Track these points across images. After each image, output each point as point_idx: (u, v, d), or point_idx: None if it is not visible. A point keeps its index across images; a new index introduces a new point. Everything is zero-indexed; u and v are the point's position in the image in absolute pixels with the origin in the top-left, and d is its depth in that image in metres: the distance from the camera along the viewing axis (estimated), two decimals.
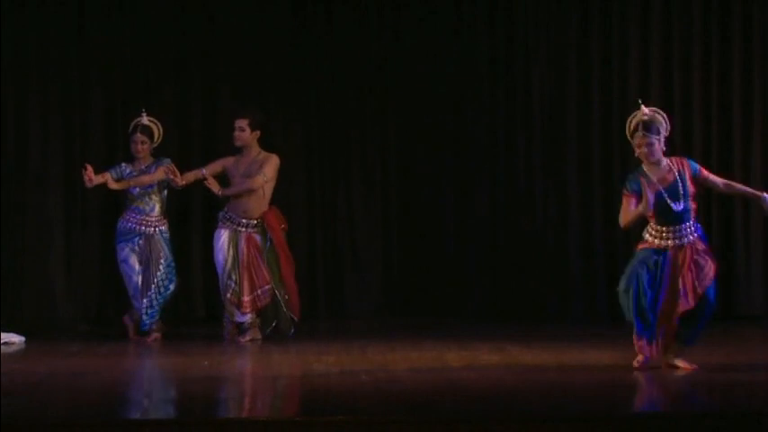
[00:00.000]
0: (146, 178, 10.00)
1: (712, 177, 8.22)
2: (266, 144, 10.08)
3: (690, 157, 8.61)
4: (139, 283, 10.03)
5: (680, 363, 8.08)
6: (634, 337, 8.04)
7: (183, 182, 9.95)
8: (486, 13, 11.31)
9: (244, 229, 9.96)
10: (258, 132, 9.98)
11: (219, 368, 8.88)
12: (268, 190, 9.98)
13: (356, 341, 9.75)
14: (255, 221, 9.96)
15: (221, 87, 11.23)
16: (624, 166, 11.07)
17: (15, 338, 9.95)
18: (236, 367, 9.04)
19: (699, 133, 11.10)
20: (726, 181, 8.41)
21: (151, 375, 8.86)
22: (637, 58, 11.19)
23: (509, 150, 11.34)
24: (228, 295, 9.96)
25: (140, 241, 10.06)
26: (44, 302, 10.94)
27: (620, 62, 11.18)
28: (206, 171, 10.00)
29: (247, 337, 9.93)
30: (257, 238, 9.96)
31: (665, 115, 8.15)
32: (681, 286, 7.98)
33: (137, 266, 10.05)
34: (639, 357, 8.08)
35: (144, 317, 10.03)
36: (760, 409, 6.98)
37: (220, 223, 10.03)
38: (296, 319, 10.01)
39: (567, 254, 11.25)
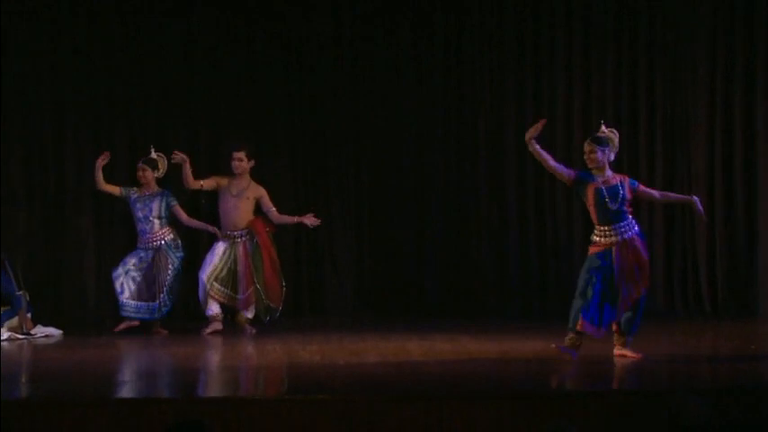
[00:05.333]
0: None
1: (649, 190, 8.13)
2: (255, 171, 10.21)
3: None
4: (120, 275, 10.01)
5: (627, 352, 7.87)
6: (583, 323, 7.73)
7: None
8: (442, 70, 11.34)
9: (240, 240, 10.04)
10: (253, 162, 10.09)
11: (217, 356, 8.92)
12: (252, 208, 10.08)
13: (334, 334, 9.78)
14: (246, 231, 10.05)
15: (225, 125, 11.16)
16: (552, 183, 11.08)
17: (54, 332, 10.03)
18: (231, 355, 9.04)
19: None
20: (661, 192, 8.32)
21: (163, 363, 8.83)
22: (562, 103, 11.28)
23: (459, 177, 11.40)
24: (211, 291, 9.91)
25: (151, 253, 10.09)
26: (78, 302, 10.90)
27: (548, 110, 11.18)
28: (204, 184, 10.08)
29: (210, 329, 9.89)
30: (248, 244, 10.04)
31: (616, 135, 7.98)
32: (634, 276, 7.75)
33: (128, 265, 10.03)
34: (572, 338, 7.82)
35: (159, 311, 10.01)
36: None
37: (221, 237, 10.10)
38: (272, 306, 10.01)
39: (506, 261, 11.28)
